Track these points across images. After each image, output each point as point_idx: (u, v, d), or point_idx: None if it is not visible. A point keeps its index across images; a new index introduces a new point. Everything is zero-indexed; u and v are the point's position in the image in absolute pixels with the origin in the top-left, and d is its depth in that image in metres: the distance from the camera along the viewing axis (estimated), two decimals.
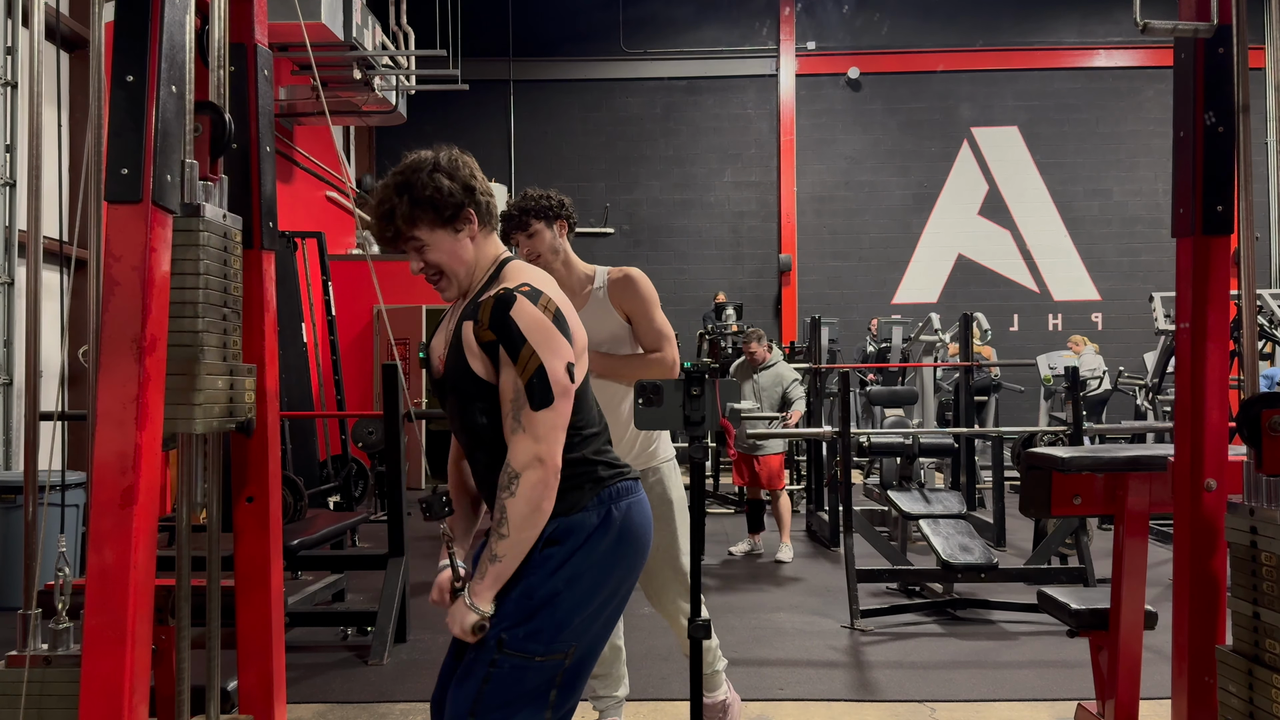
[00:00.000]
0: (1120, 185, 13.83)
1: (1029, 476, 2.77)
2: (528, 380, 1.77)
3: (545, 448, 1.77)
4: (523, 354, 1.78)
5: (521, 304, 1.80)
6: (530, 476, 1.76)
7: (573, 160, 14.06)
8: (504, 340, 1.79)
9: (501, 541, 1.77)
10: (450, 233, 1.89)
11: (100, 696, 1.82)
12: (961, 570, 4.63)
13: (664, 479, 3.02)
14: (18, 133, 6.34)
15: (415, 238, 1.88)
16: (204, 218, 2.09)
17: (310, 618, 4.61)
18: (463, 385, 1.86)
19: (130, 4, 1.94)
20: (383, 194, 1.89)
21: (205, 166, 2.22)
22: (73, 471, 5.39)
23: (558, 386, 1.79)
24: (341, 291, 7.71)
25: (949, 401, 9.47)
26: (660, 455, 3.03)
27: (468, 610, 1.79)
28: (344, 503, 6.91)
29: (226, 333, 2.18)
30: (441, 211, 1.87)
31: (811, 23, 14.16)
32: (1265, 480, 1.92)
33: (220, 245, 2.16)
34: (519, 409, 1.78)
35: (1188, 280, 2.28)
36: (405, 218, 1.86)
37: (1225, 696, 2.00)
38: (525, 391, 1.77)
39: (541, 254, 2.87)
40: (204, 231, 2.09)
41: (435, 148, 1.94)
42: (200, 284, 2.08)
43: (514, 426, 1.78)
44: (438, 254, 1.89)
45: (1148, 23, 2.25)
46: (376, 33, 9.53)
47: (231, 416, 2.19)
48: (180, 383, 2.05)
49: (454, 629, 1.81)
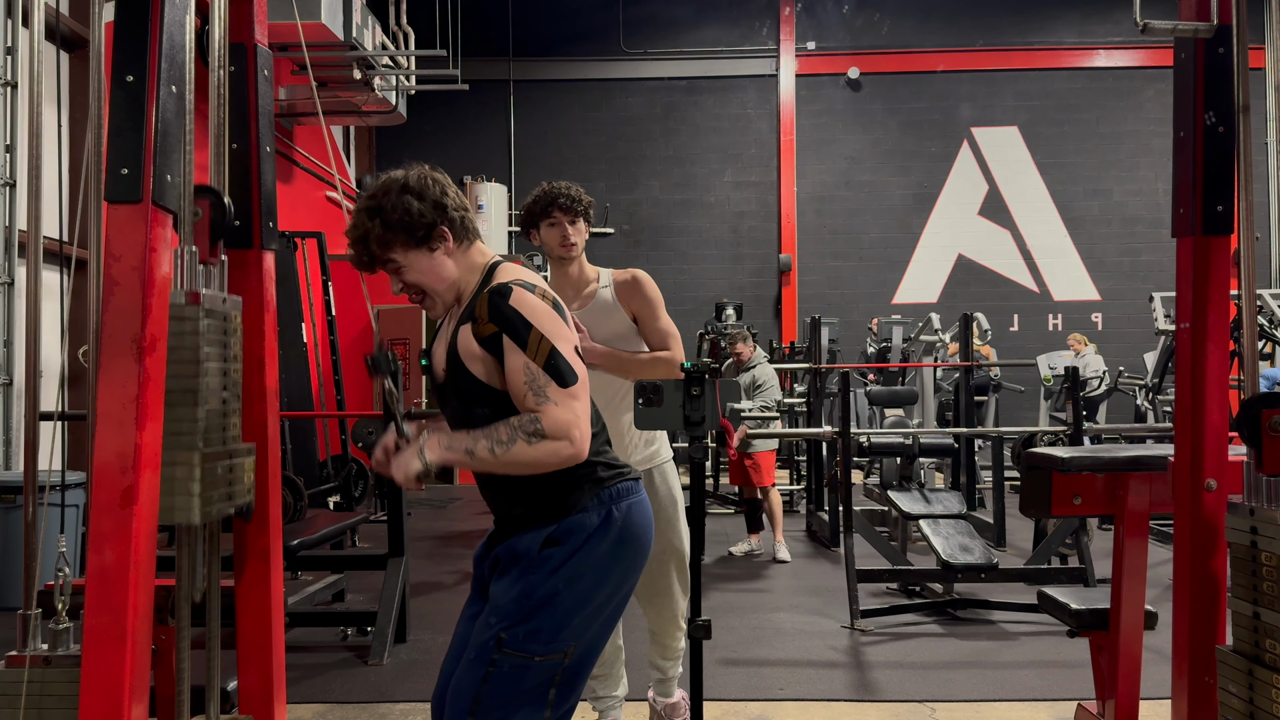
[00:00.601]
0: (1120, 185, 13.83)
1: (1029, 476, 2.77)
2: (545, 362, 1.76)
3: (579, 430, 1.76)
4: (531, 339, 1.77)
5: (519, 293, 1.80)
6: (556, 447, 1.75)
7: (573, 160, 14.06)
8: (507, 329, 1.78)
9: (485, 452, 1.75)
10: (425, 253, 1.88)
11: (100, 696, 1.82)
12: (961, 570, 4.63)
13: (668, 479, 3.05)
14: (18, 133, 6.34)
15: (391, 260, 1.87)
16: (203, 306, 2.07)
17: (310, 618, 4.61)
18: (464, 389, 1.86)
19: (130, 4, 1.94)
20: (356, 219, 1.88)
21: (205, 250, 2.20)
22: (73, 471, 5.38)
23: (578, 366, 1.80)
24: (341, 291, 7.71)
25: (949, 401, 9.47)
26: (662, 455, 3.05)
27: (414, 457, 1.79)
28: (344, 503, 6.91)
29: (226, 416, 2.16)
30: (414, 233, 1.86)
31: (811, 23, 14.17)
32: (1265, 480, 1.92)
33: (220, 329, 2.14)
34: (544, 385, 1.76)
35: (1188, 280, 2.28)
36: (379, 241, 1.85)
37: (1225, 696, 2.00)
38: (547, 371, 1.76)
39: (577, 244, 2.90)
40: (204, 319, 2.07)
41: (406, 166, 1.92)
42: (200, 372, 2.05)
43: (542, 400, 1.76)
44: (416, 274, 1.89)
45: (1148, 23, 2.25)
46: (376, 33, 9.53)
47: (231, 500, 2.16)
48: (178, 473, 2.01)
49: (397, 475, 1.80)
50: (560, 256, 2.91)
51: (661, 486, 3.00)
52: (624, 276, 2.94)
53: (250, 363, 2.38)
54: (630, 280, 2.92)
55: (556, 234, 2.88)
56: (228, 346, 2.18)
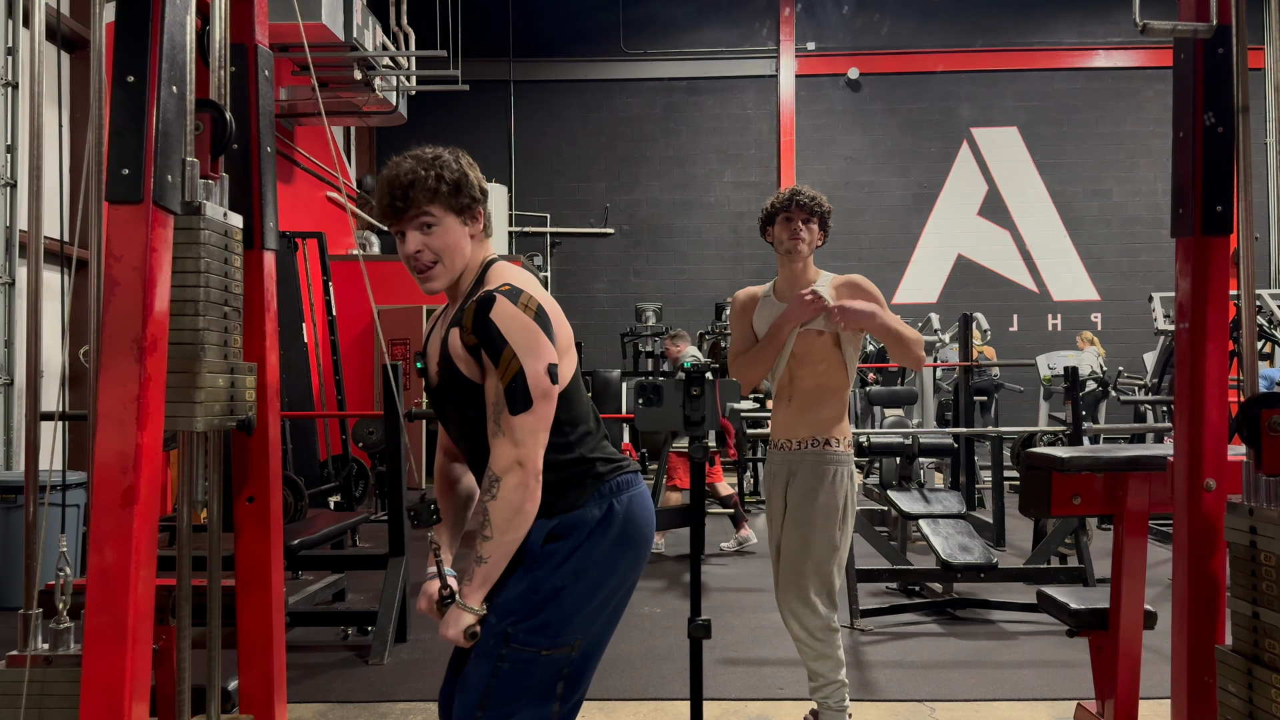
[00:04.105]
0: (1120, 185, 13.83)
1: (1029, 476, 2.77)
2: (507, 384, 1.77)
3: (525, 451, 1.77)
4: (503, 357, 1.78)
5: (501, 304, 1.80)
6: (510, 480, 1.76)
7: (573, 160, 14.06)
8: (485, 344, 1.79)
9: (486, 544, 1.78)
10: (460, 222, 1.90)
11: (101, 696, 1.82)
12: (961, 570, 4.64)
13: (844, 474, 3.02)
14: (19, 133, 6.35)
15: (429, 213, 1.86)
16: (205, 216, 2.09)
17: (311, 617, 4.61)
18: (457, 392, 1.86)
19: (131, 4, 1.94)
20: (405, 165, 1.88)
21: (206, 165, 2.21)
22: (73, 471, 5.39)
23: (537, 390, 1.78)
24: (342, 292, 7.71)
25: (949, 401, 9.48)
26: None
27: (461, 613, 1.80)
28: (344, 503, 6.91)
29: (227, 330, 2.19)
30: (461, 198, 1.88)
31: (811, 23, 14.16)
32: (1265, 480, 1.92)
33: (221, 244, 2.16)
34: (499, 412, 1.78)
35: (1187, 280, 2.28)
36: (427, 191, 1.85)
37: (1225, 696, 2.00)
38: (505, 395, 1.77)
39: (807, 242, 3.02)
40: (205, 230, 2.09)
41: (450, 150, 1.94)
42: (201, 282, 2.08)
43: (495, 430, 1.79)
44: (443, 238, 1.88)
45: (1147, 23, 2.25)
46: (377, 33, 9.53)
47: (232, 414, 2.19)
48: (181, 380, 2.05)
49: (449, 634, 1.82)
50: (789, 250, 3.02)
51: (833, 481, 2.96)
52: (841, 280, 3.04)
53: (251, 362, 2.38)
54: (848, 283, 3.02)
55: (789, 229, 3.01)
56: (228, 262, 2.20)
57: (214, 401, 2.10)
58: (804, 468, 2.97)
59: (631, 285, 13.86)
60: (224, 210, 2.20)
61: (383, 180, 1.90)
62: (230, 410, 2.18)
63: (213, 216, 2.13)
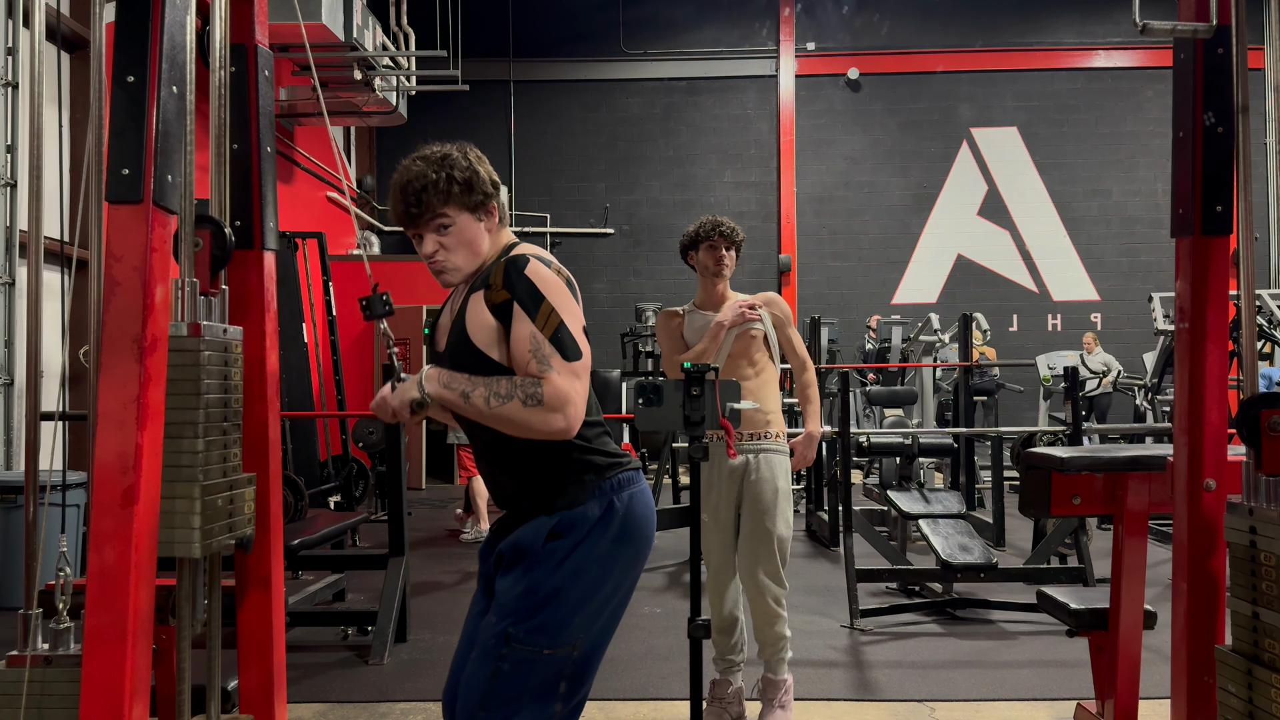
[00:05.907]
0: (1120, 185, 13.83)
1: (1028, 476, 2.78)
2: (551, 334, 1.76)
3: (575, 408, 1.76)
4: (543, 309, 1.77)
5: (535, 265, 1.82)
6: (550, 417, 1.74)
7: (573, 160, 14.07)
8: (519, 297, 1.78)
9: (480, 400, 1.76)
10: (474, 219, 1.91)
11: (101, 696, 1.82)
12: (961, 570, 4.64)
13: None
14: (19, 133, 6.34)
15: (444, 214, 1.88)
16: (204, 338, 2.08)
17: (311, 617, 4.61)
18: (462, 360, 1.85)
19: (131, 4, 1.94)
20: (416, 169, 1.88)
21: (205, 282, 2.21)
22: (73, 471, 5.39)
23: (583, 345, 1.80)
24: (342, 292, 7.71)
25: (949, 401, 9.48)
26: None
27: (413, 386, 1.80)
28: (344, 503, 6.92)
29: (227, 447, 2.17)
30: (474, 195, 1.89)
31: (811, 23, 14.17)
32: (1265, 480, 1.92)
33: (220, 361, 2.15)
34: (549, 355, 1.76)
35: (1187, 281, 2.28)
36: (440, 193, 1.86)
37: (1225, 696, 2.00)
38: (554, 344, 1.76)
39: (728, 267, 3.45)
40: (204, 351, 2.08)
41: (458, 146, 1.95)
42: (201, 404, 2.06)
43: (545, 368, 1.75)
44: (459, 237, 1.89)
45: (1147, 23, 2.25)
46: (377, 33, 9.53)
47: (231, 532, 2.17)
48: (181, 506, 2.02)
49: (394, 402, 1.81)
50: (715, 273, 3.45)
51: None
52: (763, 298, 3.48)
53: (251, 363, 2.38)
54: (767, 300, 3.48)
55: (713, 255, 3.43)
56: (228, 377, 2.19)
57: (213, 523, 2.08)
58: (760, 458, 3.35)
59: (631, 285, 13.86)
60: (224, 326, 2.19)
61: (394, 186, 1.91)
62: (229, 529, 2.16)
63: (211, 338, 2.11)
